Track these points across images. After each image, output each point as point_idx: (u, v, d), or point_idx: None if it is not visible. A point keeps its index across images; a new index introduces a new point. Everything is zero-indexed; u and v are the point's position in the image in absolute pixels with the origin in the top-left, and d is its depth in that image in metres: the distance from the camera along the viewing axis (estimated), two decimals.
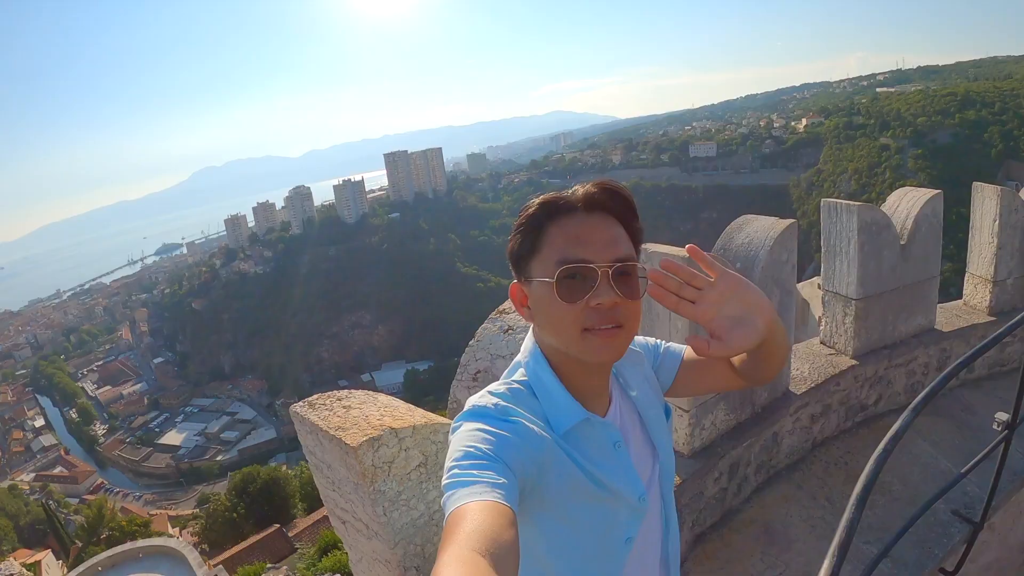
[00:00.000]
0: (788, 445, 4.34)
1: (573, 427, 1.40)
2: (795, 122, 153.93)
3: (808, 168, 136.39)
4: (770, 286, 3.95)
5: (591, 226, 1.37)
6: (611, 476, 1.42)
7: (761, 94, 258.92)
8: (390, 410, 2.49)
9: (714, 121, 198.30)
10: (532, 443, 1.28)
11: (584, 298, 1.31)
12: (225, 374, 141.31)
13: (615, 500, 1.43)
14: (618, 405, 1.58)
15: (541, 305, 1.38)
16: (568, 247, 1.34)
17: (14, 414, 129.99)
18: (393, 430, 2.29)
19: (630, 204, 1.44)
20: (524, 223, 1.41)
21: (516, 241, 1.43)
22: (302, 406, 2.61)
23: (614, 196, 1.41)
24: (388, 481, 2.29)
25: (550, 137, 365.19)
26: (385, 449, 2.26)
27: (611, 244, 1.35)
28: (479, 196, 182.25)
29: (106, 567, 21.71)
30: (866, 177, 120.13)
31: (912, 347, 5.07)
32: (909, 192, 5.24)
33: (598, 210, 1.39)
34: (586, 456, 1.40)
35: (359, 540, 2.63)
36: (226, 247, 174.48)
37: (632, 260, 1.37)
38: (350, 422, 2.36)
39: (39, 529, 61.18)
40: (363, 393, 2.71)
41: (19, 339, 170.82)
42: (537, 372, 1.44)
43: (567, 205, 1.39)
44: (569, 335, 1.34)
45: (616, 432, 1.50)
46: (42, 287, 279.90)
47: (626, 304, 1.33)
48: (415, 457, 2.36)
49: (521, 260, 1.43)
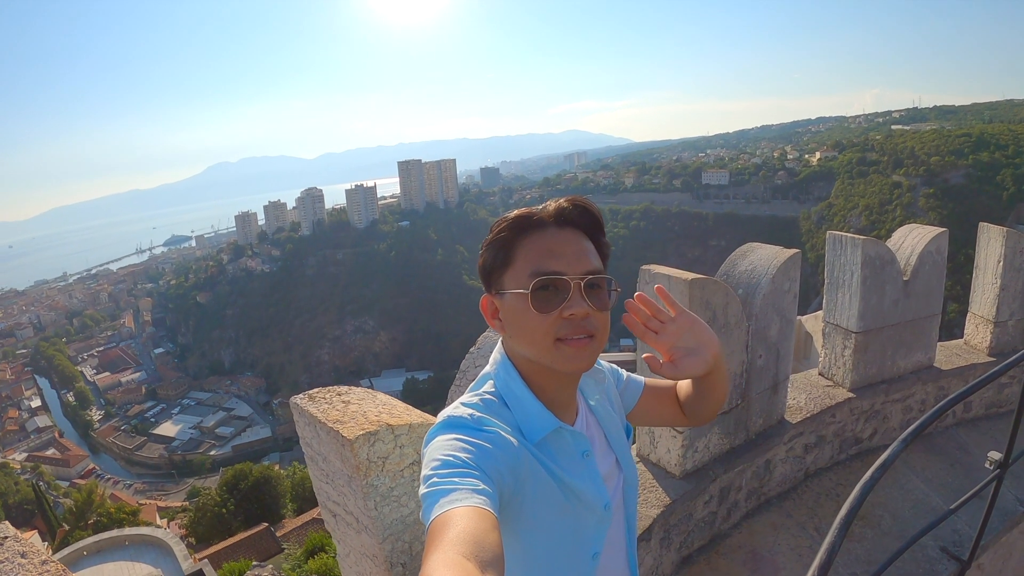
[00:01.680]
0: (780, 473, 4.34)
1: (545, 437, 1.44)
2: (809, 155, 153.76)
3: (819, 202, 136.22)
4: (770, 314, 3.97)
5: (563, 240, 1.41)
6: (581, 485, 1.45)
7: (776, 125, 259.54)
8: (388, 408, 2.53)
9: (728, 149, 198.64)
10: (509, 453, 1.30)
11: (557, 309, 1.35)
12: (224, 369, 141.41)
13: (584, 510, 1.45)
14: (584, 416, 1.62)
15: (514, 316, 1.41)
16: (541, 260, 1.38)
17: (11, 393, 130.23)
18: (390, 427, 2.33)
19: (598, 221, 1.49)
20: (497, 237, 1.44)
21: (489, 255, 1.45)
22: (302, 398, 2.64)
23: (584, 212, 1.45)
24: (381, 476, 2.33)
25: (564, 156, 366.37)
26: (381, 445, 2.30)
27: (582, 257, 1.40)
28: (490, 210, 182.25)
29: (91, 552, 21.66)
30: (876, 214, 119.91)
31: (910, 383, 5.07)
32: (915, 229, 5.27)
33: (569, 225, 1.44)
34: (559, 465, 1.43)
35: (348, 534, 2.65)
36: (235, 243, 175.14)
37: (602, 273, 1.43)
38: (348, 416, 2.40)
39: (27, 509, 61.19)
40: (363, 390, 2.76)
41: (22, 318, 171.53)
42: (508, 383, 1.47)
43: (539, 220, 1.42)
44: (542, 345, 1.38)
45: (585, 441, 1.54)
46: (49, 269, 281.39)
47: (597, 315, 1.38)
48: (409, 455, 2.40)
49: (493, 273, 1.45)
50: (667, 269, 3.59)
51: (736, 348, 3.78)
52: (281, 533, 28.83)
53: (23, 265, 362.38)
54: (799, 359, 9.41)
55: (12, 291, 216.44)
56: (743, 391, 3.94)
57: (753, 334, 3.86)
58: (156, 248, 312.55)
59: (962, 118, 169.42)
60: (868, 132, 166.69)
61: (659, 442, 3.85)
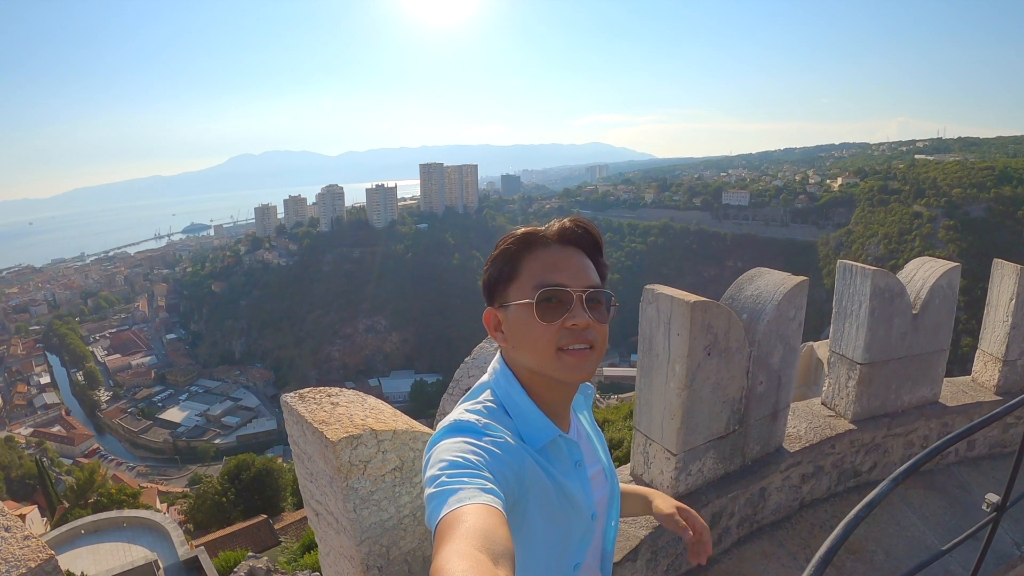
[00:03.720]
0: (775, 502, 4.29)
1: (544, 445, 1.49)
2: (831, 180, 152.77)
3: (839, 228, 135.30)
4: (774, 341, 3.93)
5: (566, 256, 1.50)
6: (576, 492, 1.51)
7: (800, 148, 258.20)
8: (375, 412, 2.54)
9: (750, 170, 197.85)
10: (515, 458, 1.34)
11: (560, 319, 1.43)
12: (234, 359, 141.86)
13: (576, 518, 1.52)
14: (575, 427, 1.70)
15: (518, 327, 1.48)
16: (546, 273, 1.46)
17: (21, 367, 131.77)
18: (373, 431, 2.34)
19: (598, 241, 1.58)
20: (502, 253, 1.53)
21: (495, 269, 1.55)
22: (292, 396, 2.65)
23: (585, 233, 1.55)
24: (362, 479, 2.34)
25: (586, 168, 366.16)
26: (363, 448, 2.31)
27: (583, 272, 1.49)
28: (508, 217, 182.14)
29: (88, 531, 21.78)
30: (895, 243, 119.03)
31: (913, 418, 5.00)
32: (927, 262, 5.20)
33: (570, 244, 1.52)
34: (558, 471, 1.49)
35: (329, 533, 2.68)
36: (253, 235, 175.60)
37: (601, 288, 1.51)
38: (335, 418, 2.41)
39: (29, 484, 61.57)
40: (353, 393, 2.75)
41: (37, 295, 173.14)
42: (509, 392, 1.53)
43: (543, 238, 1.51)
44: (545, 354, 1.45)
45: (579, 451, 1.60)
46: (67, 248, 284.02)
47: (597, 327, 1.46)
48: (392, 460, 2.40)
49: (498, 287, 1.54)
50: (670, 290, 3.56)
51: (736, 373, 3.75)
52: (279, 526, 28.79)
53: (42, 242, 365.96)
54: (809, 384, 9.33)
55: (29, 267, 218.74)
56: (741, 417, 3.90)
57: (755, 360, 3.83)
58: (175, 235, 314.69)
59: (986, 151, 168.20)
60: (891, 160, 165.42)
61: (653, 462, 3.81)
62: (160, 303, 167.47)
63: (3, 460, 69.03)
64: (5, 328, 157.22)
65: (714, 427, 3.77)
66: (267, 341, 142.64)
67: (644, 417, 3.86)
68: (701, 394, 3.59)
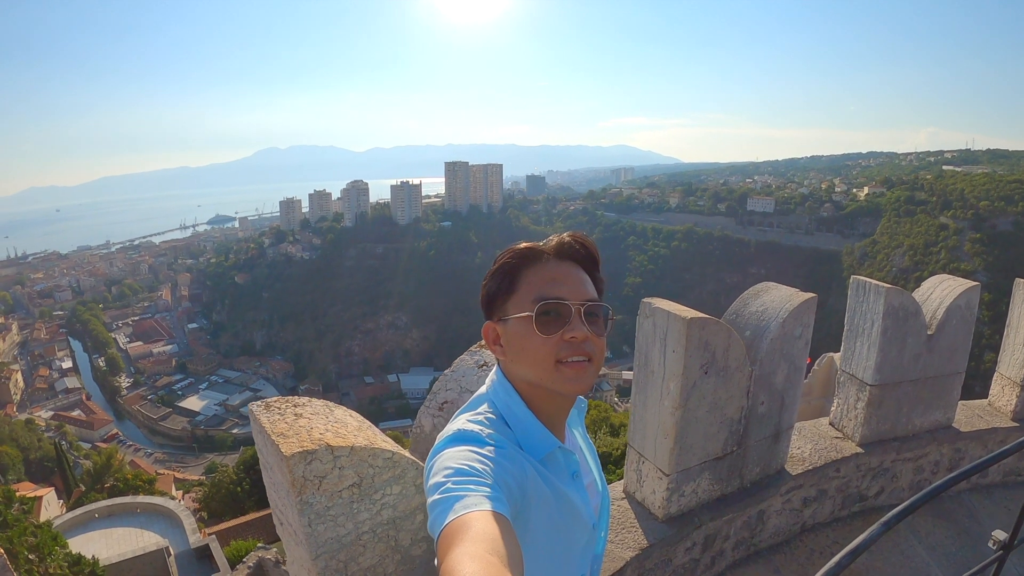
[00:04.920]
0: (774, 525, 4.14)
1: (546, 456, 1.51)
2: (857, 189, 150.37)
3: (864, 238, 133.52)
4: (777, 360, 3.78)
5: (564, 271, 1.52)
6: (576, 503, 1.53)
7: (826, 156, 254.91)
8: (339, 426, 2.48)
9: (776, 177, 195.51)
10: (519, 468, 1.37)
11: (559, 332, 1.45)
12: (255, 350, 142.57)
13: (577, 530, 1.54)
14: (570, 440, 1.70)
15: (517, 340, 1.49)
16: (545, 286, 1.48)
17: (44, 352, 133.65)
18: (330, 447, 2.29)
19: (595, 257, 1.60)
20: (501, 268, 1.54)
21: (494, 283, 1.55)
22: (259, 405, 2.60)
23: (583, 248, 1.57)
24: (317, 495, 2.29)
25: (611, 170, 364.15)
26: (318, 464, 2.27)
27: (581, 286, 1.52)
28: (532, 218, 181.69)
29: (102, 515, 21.96)
30: (921, 255, 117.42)
31: (924, 443, 4.82)
32: (945, 280, 5.00)
33: (568, 259, 1.54)
34: (559, 481, 1.51)
35: (290, 544, 2.66)
36: (277, 228, 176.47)
37: (599, 302, 1.54)
38: (294, 431, 2.36)
39: (47, 466, 62.29)
40: (322, 404, 2.70)
41: (62, 281, 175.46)
42: (508, 404, 1.54)
43: (542, 253, 1.53)
44: (544, 366, 1.46)
45: (576, 462, 1.61)
46: (93, 235, 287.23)
47: (595, 340, 1.48)
48: (349, 477, 2.36)
49: (497, 300, 1.55)
50: (668, 304, 3.42)
51: (736, 393, 3.61)
52: None
53: (68, 229, 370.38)
54: (828, 396, 9.10)
55: (55, 254, 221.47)
56: (740, 438, 3.76)
57: (756, 379, 3.68)
58: (200, 225, 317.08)
59: (1015, 163, 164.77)
60: (919, 171, 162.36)
61: (645, 481, 3.68)
62: (183, 293, 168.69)
63: (23, 442, 69.94)
64: (29, 312, 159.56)
65: (710, 448, 3.63)
66: (288, 334, 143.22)
67: (638, 434, 3.74)
68: (697, 414, 3.45)
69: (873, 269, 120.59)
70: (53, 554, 13.20)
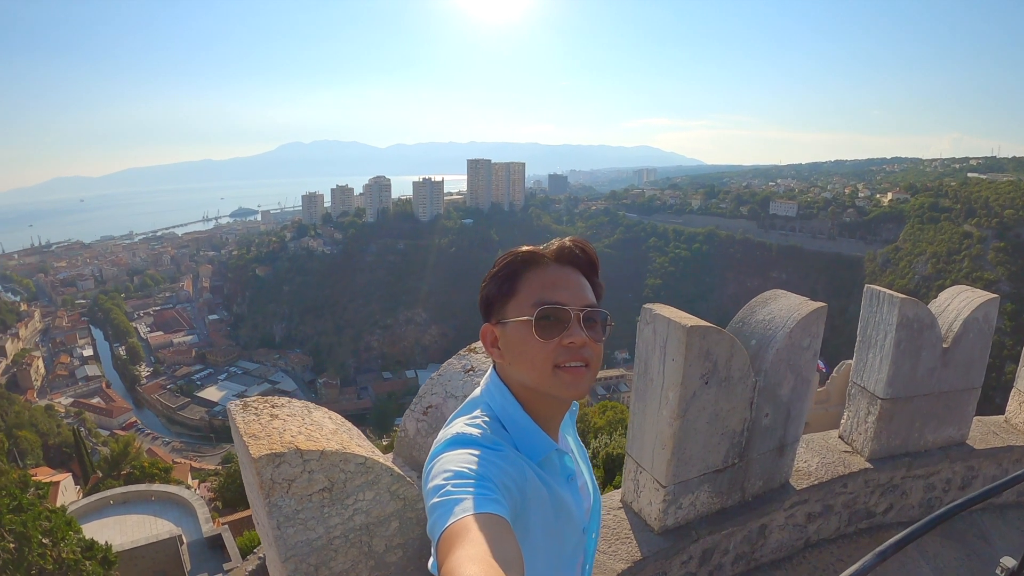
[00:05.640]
0: (776, 540, 4.01)
1: (543, 458, 1.52)
2: (880, 195, 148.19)
3: (886, 244, 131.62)
4: (783, 371, 3.66)
5: (564, 276, 1.52)
6: (570, 506, 1.54)
7: (850, 161, 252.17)
8: (313, 429, 2.45)
9: (799, 181, 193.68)
10: (518, 470, 1.37)
11: (558, 337, 1.44)
12: (274, 343, 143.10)
13: (570, 532, 1.55)
14: (563, 442, 1.70)
15: (515, 344, 1.49)
16: (545, 291, 1.48)
17: (66, 339, 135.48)
18: (299, 451, 2.26)
19: (594, 262, 1.60)
20: (501, 271, 1.54)
21: (493, 286, 1.55)
22: (237, 405, 2.57)
23: (583, 253, 1.57)
24: (286, 498, 2.27)
25: (634, 171, 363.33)
26: (287, 467, 2.24)
27: (581, 291, 1.52)
28: (554, 217, 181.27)
29: (117, 502, 22.16)
30: (943, 263, 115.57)
31: (936, 459, 4.67)
32: (963, 291, 4.83)
33: (568, 264, 1.54)
34: (556, 484, 1.52)
35: (265, 544, 2.64)
36: (299, 222, 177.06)
37: (598, 307, 1.53)
38: (266, 432, 2.33)
39: (66, 452, 62.97)
40: (301, 405, 2.66)
41: (85, 270, 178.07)
42: (505, 407, 1.54)
43: (542, 257, 1.53)
44: (542, 371, 1.46)
45: (572, 465, 1.63)
46: (117, 226, 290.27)
47: (593, 345, 1.48)
48: (319, 481, 2.33)
49: (496, 303, 1.54)
50: (668, 311, 3.32)
51: (738, 404, 3.50)
52: None
53: (92, 219, 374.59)
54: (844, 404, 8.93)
55: (78, 243, 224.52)
56: (742, 450, 3.64)
57: (760, 391, 3.56)
58: (222, 218, 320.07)
59: None
60: (943, 177, 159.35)
61: (643, 491, 3.58)
62: (204, 284, 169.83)
63: (42, 427, 70.77)
64: (52, 300, 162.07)
65: (710, 460, 3.52)
66: (307, 327, 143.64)
67: (636, 443, 3.63)
68: (696, 425, 3.35)
69: (895, 276, 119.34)
70: (67, 539, 13.29)
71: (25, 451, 60.47)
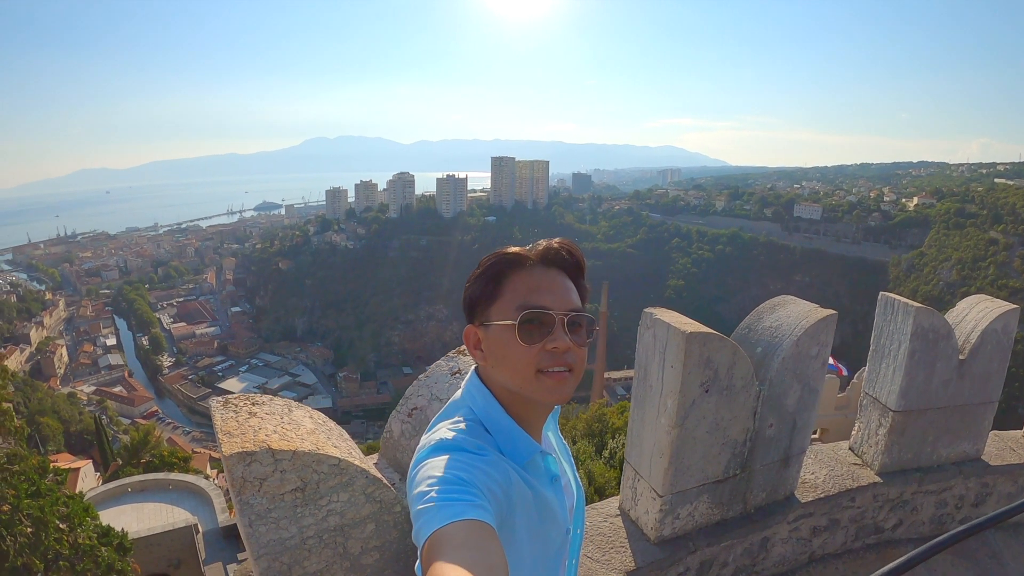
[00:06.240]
0: (779, 554, 3.90)
1: (529, 461, 1.51)
2: (906, 199, 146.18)
3: (911, 249, 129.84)
4: (789, 380, 3.55)
5: (548, 278, 1.50)
6: (554, 507, 1.53)
7: (876, 164, 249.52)
8: (289, 428, 2.45)
9: (824, 184, 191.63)
10: (502, 474, 1.36)
11: (541, 342, 1.43)
12: (296, 336, 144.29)
13: (554, 533, 1.54)
14: (546, 441, 1.68)
15: (498, 347, 1.47)
16: (529, 295, 1.46)
17: (89, 328, 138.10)
18: (270, 450, 2.26)
19: (580, 264, 1.57)
20: (485, 272, 1.53)
21: (477, 287, 1.53)
22: (219, 401, 2.56)
23: (569, 255, 1.54)
24: (257, 496, 2.28)
25: (658, 171, 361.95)
26: (258, 466, 2.25)
27: (566, 295, 1.49)
28: (577, 216, 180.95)
29: (135, 489, 22.38)
30: (969, 269, 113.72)
31: (950, 475, 4.52)
32: (983, 301, 4.66)
33: (553, 266, 1.52)
34: (540, 485, 1.51)
35: None
36: (323, 216, 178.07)
37: (583, 311, 1.51)
38: (241, 430, 2.34)
39: (86, 439, 63.76)
40: (283, 404, 2.67)
41: (110, 261, 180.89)
42: (488, 409, 1.52)
43: (527, 259, 1.51)
44: (524, 376, 1.44)
45: (556, 466, 1.62)
46: (142, 218, 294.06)
47: (576, 350, 1.46)
48: (292, 481, 2.33)
49: (479, 305, 1.52)
50: (669, 316, 3.23)
51: (740, 414, 3.40)
52: None
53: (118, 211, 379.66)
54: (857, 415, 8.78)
55: (104, 234, 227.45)
56: (744, 461, 3.54)
57: (764, 400, 3.46)
58: (246, 211, 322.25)
59: None
60: (970, 182, 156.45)
61: (640, 500, 3.50)
62: (228, 276, 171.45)
63: (64, 415, 71.71)
64: (77, 290, 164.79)
65: (710, 470, 3.43)
66: (329, 321, 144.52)
67: (635, 450, 3.55)
68: (695, 434, 3.26)
69: (919, 282, 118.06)
70: (83, 525, 13.44)
71: (47, 437, 61.26)
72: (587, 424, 20.45)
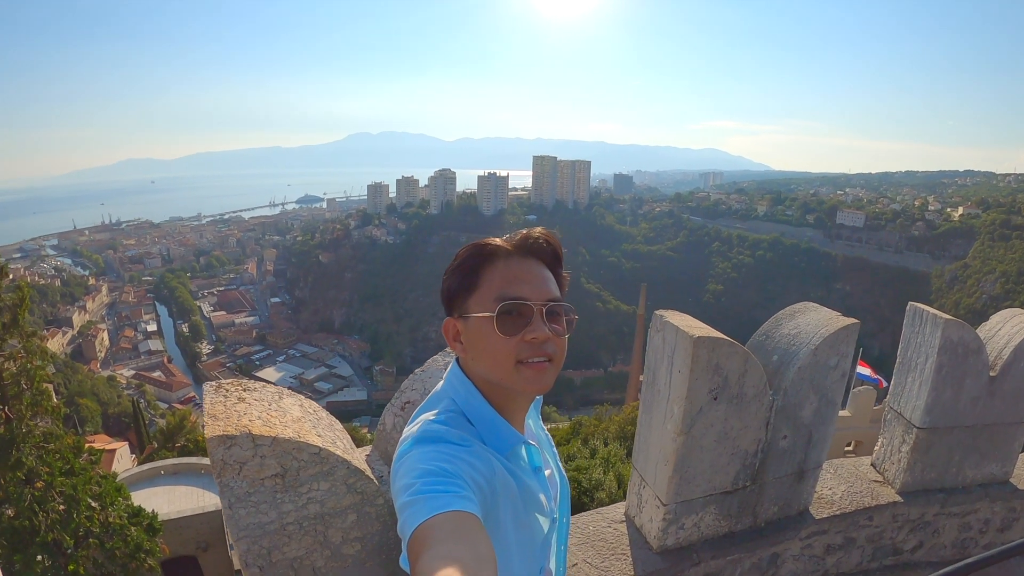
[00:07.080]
0: (790, 571, 3.77)
1: (511, 451, 1.52)
2: (951, 208, 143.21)
3: (955, 260, 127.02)
4: (805, 390, 3.41)
5: (526, 268, 1.50)
6: (539, 497, 1.55)
7: (921, 172, 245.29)
8: (275, 415, 2.49)
9: (868, 191, 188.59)
10: (486, 464, 1.37)
11: (520, 332, 1.43)
12: (333, 328, 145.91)
13: (539, 521, 1.55)
14: (528, 431, 1.69)
15: (478, 338, 1.47)
16: (507, 285, 1.46)
17: (131, 314, 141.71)
18: (251, 435, 2.29)
19: (558, 253, 1.58)
20: (463, 263, 1.52)
21: (455, 279, 1.53)
22: (212, 385, 2.61)
23: (546, 244, 1.55)
24: (237, 480, 2.31)
25: (700, 174, 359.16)
26: (238, 450, 2.28)
27: (544, 285, 1.49)
28: (617, 217, 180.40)
29: (168, 472, 22.75)
30: (1013, 282, 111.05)
31: (975, 498, 4.33)
32: (1016, 316, 4.42)
33: (531, 256, 1.52)
34: (524, 475, 1.52)
35: None
36: (364, 211, 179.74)
37: (561, 301, 1.52)
38: (226, 414, 2.38)
39: (124, 421, 65.27)
40: (274, 391, 2.71)
41: (153, 249, 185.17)
42: (469, 400, 1.52)
43: (504, 249, 1.51)
44: (504, 367, 1.44)
45: (539, 456, 1.63)
46: (185, 207, 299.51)
47: (556, 340, 1.46)
48: (271, 466, 2.36)
49: (458, 297, 1.52)
50: (680, 319, 3.13)
51: (751, 424, 3.28)
52: None
53: (162, 200, 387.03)
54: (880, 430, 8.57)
55: (147, 222, 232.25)
56: (755, 473, 3.43)
57: (778, 411, 3.34)
58: (288, 204, 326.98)
59: None
60: (1017, 193, 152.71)
61: (645, 507, 3.41)
62: (268, 267, 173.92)
63: (103, 397, 73.42)
64: (120, 276, 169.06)
65: (717, 480, 3.32)
66: (367, 314, 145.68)
67: (641, 456, 3.47)
68: (702, 442, 3.16)
69: (962, 294, 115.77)
70: (115, 504, 13.73)
71: (85, 419, 62.74)
72: (620, 427, 20.33)
